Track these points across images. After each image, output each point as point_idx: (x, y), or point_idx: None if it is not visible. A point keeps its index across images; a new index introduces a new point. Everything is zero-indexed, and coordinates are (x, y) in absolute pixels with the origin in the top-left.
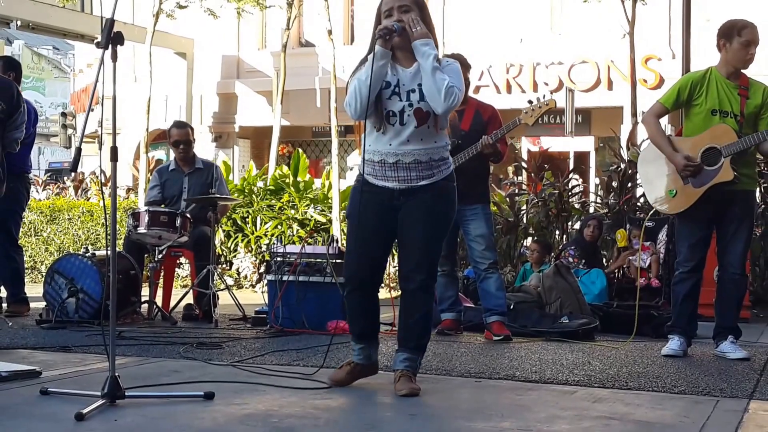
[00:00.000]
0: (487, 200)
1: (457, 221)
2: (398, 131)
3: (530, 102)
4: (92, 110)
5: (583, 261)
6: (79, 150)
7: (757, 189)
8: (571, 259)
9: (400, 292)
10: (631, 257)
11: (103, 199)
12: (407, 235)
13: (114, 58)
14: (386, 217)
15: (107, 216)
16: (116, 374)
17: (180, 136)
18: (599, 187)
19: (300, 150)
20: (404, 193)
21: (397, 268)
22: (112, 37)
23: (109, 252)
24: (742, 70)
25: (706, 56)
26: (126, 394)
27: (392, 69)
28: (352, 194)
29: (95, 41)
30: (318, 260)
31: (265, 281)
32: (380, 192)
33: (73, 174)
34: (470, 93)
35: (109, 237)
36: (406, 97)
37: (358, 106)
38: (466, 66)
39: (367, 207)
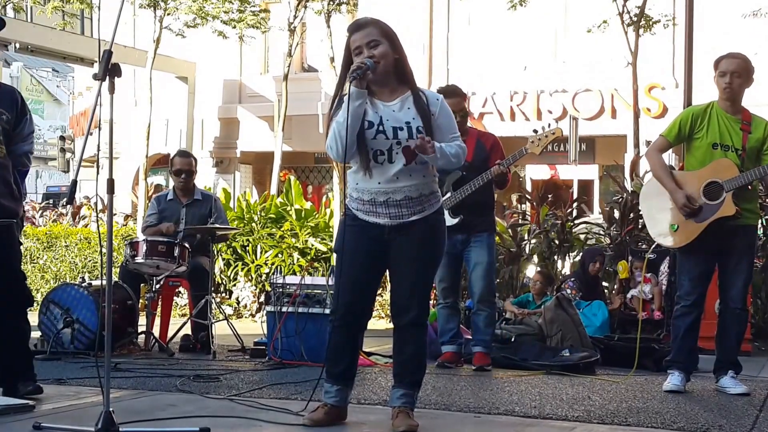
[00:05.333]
0: (492, 229)
1: (462, 250)
2: (386, 169)
3: (536, 131)
4: (91, 134)
5: (581, 293)
6: (75, 182)
7: (759, 222)
8: (569, 291)
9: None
10: (633, 291)
11: (99, 228)
12: (400, 271)
13: (111, 90)
14: (376, 252)
15: (102, 248)
16: (110, 409)
17: (182, 165)
18: (603, 216)
19: (292, 178)
20: (395, 228)
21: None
22: (109, 69)
23: (105, 282)
24: (742, 103)
25: (710, 86)
26: (120, 429)
27: (372, 106)
28: (340, 229)
29: (93, 74)
30: (317, 291)
31: (265, 312)
32: (370, 227)
33: (71, 204)
34: (475, 120)
35: (104, 268)
36: (393, 134)
37: (340, 149)
38: (461, 96)
39: (357, 242)
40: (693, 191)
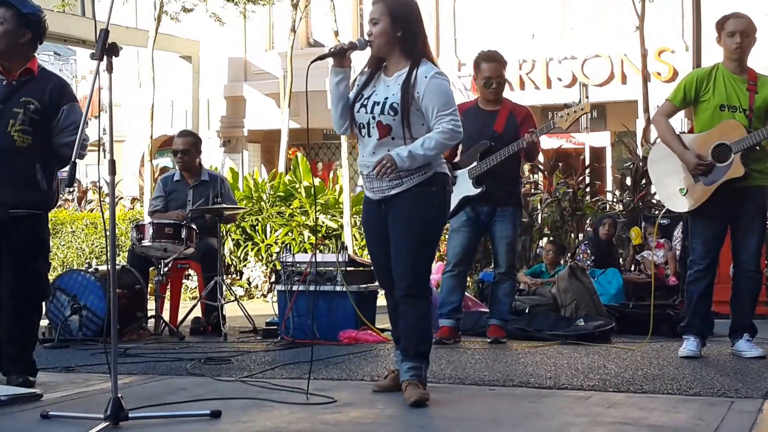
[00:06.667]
0: (518, 203)
1: (487, 222)
2: (366, 143)
3: (566, 106)
4: (95, 117)
5: (593, 257)
6: (74, 164)
7: None
8: (582, 255)
9: None
10: (644, 254)
11: (102, 213)
12: (392, 244)
13: (110, 69)
14: (380, 224)
15: (107, 231)
16: (119, 395)
17: (179, 144)
18: (614, 184)
19: (300, 154)
20: (382, 202)
21: None
22: (106, 49)
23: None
24: (747, 64)
25: (719, 49)
26: (129, 415)
27: (376, 79)
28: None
29: (90, 53)
30: (329, 269)
31: (276, 291)
32: (369, 200)
33: (71, 188)
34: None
35: (109, 252)
36: (371, 109)
37: (333, 123)
38: (501, 62)
39: (366, 215)
40: (701, 154)
